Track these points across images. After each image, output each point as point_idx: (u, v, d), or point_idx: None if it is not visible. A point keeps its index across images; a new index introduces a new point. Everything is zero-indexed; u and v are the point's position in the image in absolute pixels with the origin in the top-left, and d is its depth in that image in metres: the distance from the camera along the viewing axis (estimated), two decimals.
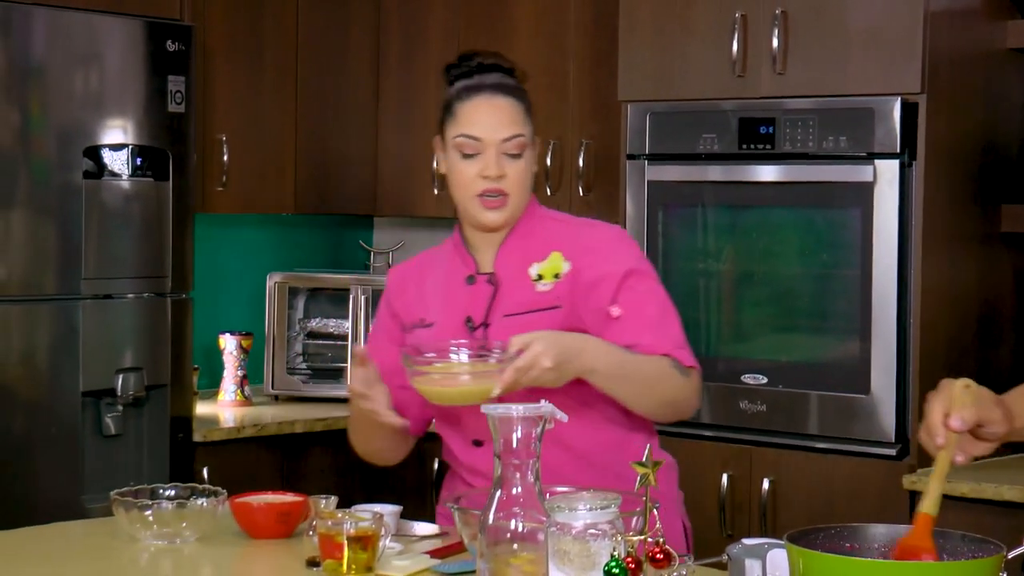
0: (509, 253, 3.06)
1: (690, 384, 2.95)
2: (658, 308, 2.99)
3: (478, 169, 3.00)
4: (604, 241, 3.05)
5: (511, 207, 3.03)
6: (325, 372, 5.55)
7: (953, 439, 2.33)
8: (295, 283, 5.53)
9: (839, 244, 4.37)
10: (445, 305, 3.07)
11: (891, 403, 4.27)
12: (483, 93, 3.03)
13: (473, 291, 3.05)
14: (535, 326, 2.92)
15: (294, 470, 5.03)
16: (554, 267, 3.01)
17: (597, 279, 2.98)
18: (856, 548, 2.38)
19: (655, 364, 2.91)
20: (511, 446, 2.25)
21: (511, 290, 3.02)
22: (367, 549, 2.69)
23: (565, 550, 2.14)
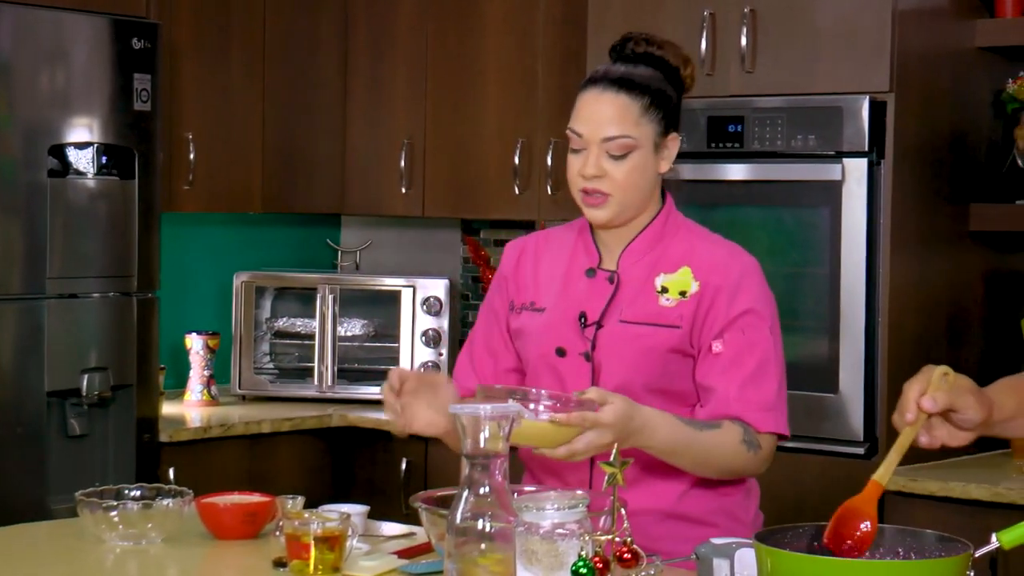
0: (636, 255, 2.97)
1: (757, 458, 2.87)
2: (758, 361, 2.88)
3: (580, 166, 2.93)
4: (735, 271, 2.92)
5: (614, 206, 2.93)
6: (292, 372, 5.54)
7: (922, 419, 2.37)
8: (262, 282, 5.52)
9: (808, 243, 4.38)
10: (560, 293, 3.00)
11: (859, 402, 4.28)
12: (599, 86, 2.92)
13: (591, 285, 2.98)
14: (651, 340, 2.89)
15: (261, 470, 5.02)
16: (682, 284, 2.92)
17: (716, 310, 2.89)
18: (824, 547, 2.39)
19: (718, 441, 2.83)
20: (479, 446, 2.25)
21: (632, 295, 2.94)
22: (334, 549, 2.69)
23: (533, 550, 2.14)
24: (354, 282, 5.54)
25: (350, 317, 5.51)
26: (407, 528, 3.16)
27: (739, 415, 2.85)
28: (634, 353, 2.90)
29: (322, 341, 5.45)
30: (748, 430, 2.85)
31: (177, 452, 4.82)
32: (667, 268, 2.94)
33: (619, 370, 2.91)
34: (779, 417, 2.88)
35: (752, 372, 2.86)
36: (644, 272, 2.95)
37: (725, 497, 2.95)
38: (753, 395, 2.86)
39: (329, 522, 2.70)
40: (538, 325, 3.00)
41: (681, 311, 2.90)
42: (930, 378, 2.39)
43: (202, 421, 5.01)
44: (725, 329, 2.88)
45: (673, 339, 2.90)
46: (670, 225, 3.00)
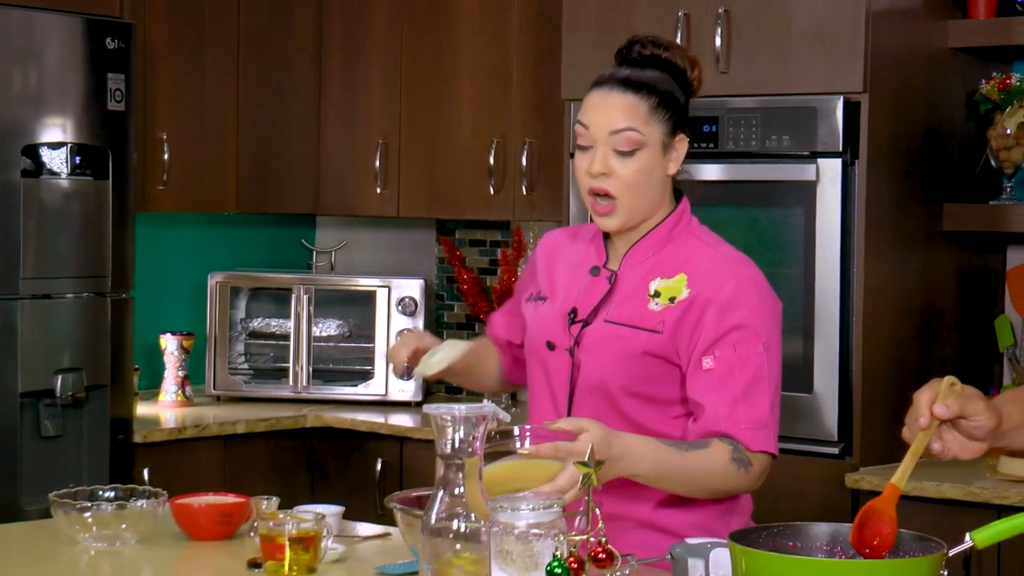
0: (639, 257, 2.95)
1: (748, 476, 2.83)
2: (749, 378, 2.83)
3: (587, 164, 2.90)
4: (730, 285, 2.87)
5: (622, 213, 2.90)
6: (267, 372, 5.54)
7: (934, 425, 2.37)
8: (237, 283, 5.51)
9: (782, 243, 4.39)
10: (565, 289, 3.00)
11: (834, 402, 4.29)
12: (606, 86, 2.90)
13: (592, 283, 2.97)
14: (629, 343, 2.87)
15: (236, 471, 5.01)
16: (674, 289, 2.89)
17: (705, 322, 2.85)
18: (799, 547, 2.39)
19: (709, 463, 2.80)
20: (453, 446, 2.25)
21: (625, 297, 2.93)
22: (309, 550, 2.68)
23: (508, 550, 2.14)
24: (329, 282, 5.53)
25: (325, 317, 5.51)
26: (382, 528, 3.16)
27: (729, 432, 2.81)
28: (612, 353, 2.89)
29: (297, 341, 5.45)
30: (738, 447, 2.81)
31: (151, 453, 4.80)
32: (665, 273, 2.92)
33: (597, 368, 2.90)
34: (770, 436, 2.84)
35: (744, 389, 2.82)
36: (642, 275, 2.93)
37: (701, 511, 2.93)
38: (744, 413, 2.82)
39: (304, 523, 2.70)
40: (536, 317, 3.01)
41: (665, 316, 2.87)
42: (939, 388, 2.39)
43: (176, 422, 5.00)
44: (715, 344, 2.84)
45: (652, 343, 2.87)
46: (679, 229, 2.97)
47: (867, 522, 2.32)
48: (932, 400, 2.37)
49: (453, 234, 5.85)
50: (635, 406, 2.87)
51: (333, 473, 5.26)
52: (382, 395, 5.39)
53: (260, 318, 5.55)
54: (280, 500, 3.03)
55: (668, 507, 2.90)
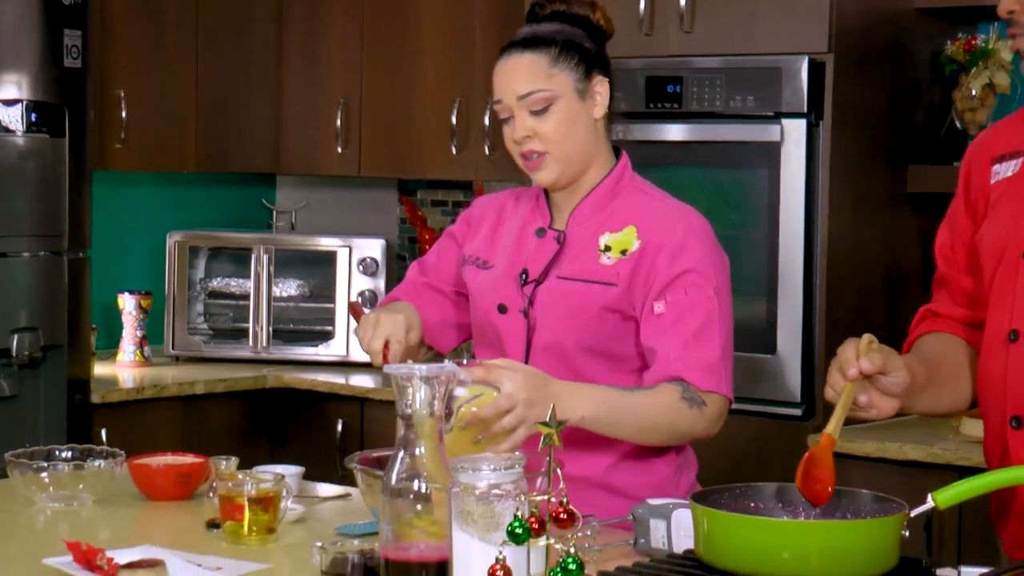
0: (584, 215, 2.96)
1: (703, 416, 2.81)
2: (700, 322, 2.83)
3: (510, 133, 2.92)
4: (680, 229, 2.88)
5: (553, 163, 2.91)
6: (227, 332, 5.52)
7: (860, 378, 2.45)
8: (196, 242, 5.49)
9: (746, 205, 4.39)
10: (510, 253, 3.00)
11: (797, 363, 4.30)
12: (507, 52, 2.93)
13: (540, 245, 2.97)
14: (584, 297, 2.88)
15: (195, 432, 5.00)
16: (624, 242, 2.90)
17: (657, 268, 2.86)
18: (761, 507, 2.41)
19: (658, 401, 2.79)
20: (414, 406, 2.25)
21: (575, 254, 2.93)
22: (268, 511, 2.68)
23: (468, 511, 2.14)
24: (289, 242, 5.52)
25: (285, 278, 5.49)
26: (343, 489, 3.16)
27: (680, 375, 2.82)
28: (567, 309, 2.90)
29: (257, 302, 5.44)
30: (689, 388, 2.81)
31: (109, 413, 4.79)
32: (613, 227, 2.93)
33: (552, 326, 2.91)
34: (721, 379, 2.85)
35: (695, 332, 2.83)
36: (591, 231, 2.94)
37: (656, 472, 2.94)
38: (695, 355, 2.83)
39: (263, 483, 2.70)
40: (483, 282, 3.00)
41: (618, 269, 2.89)
42: (859, 344, 2.48)
43: (135, 382, 4.99)
44: (667, 289, 2.85)
45: (607, 297, 2.88)
46: (623, 185, 2.98)
47: (809, 470, 2.37)
48: (857, 354, 2.43)
49: (415, 194, 5.84)
50: (592, 364, 2.88)
51: (293, 434, 5.26)
52: (342, 356, 5.38)
53: (219, 278, 5.54)
54: (239, 461, 3.03)
55: (622, 468, 2.91)
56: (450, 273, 3.11)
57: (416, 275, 3.17)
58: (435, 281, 3.13)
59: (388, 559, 2.25)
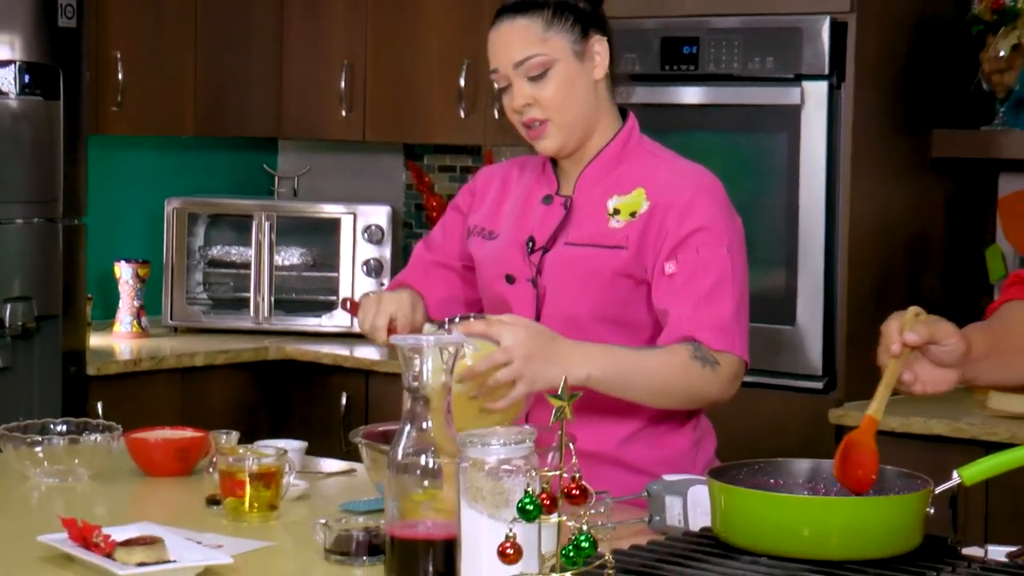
0: (592, 179, 2.94)
1: (717, 376, 2.79)
2: (713, 280, 2.82)
3: (509, 103, 2.92)
4: (690, 188, 2.87)
5: (556, 131, 2.90)
6: (227, 302, 5.52)
7: (906, 352, 2.39)
8: (195, 209, 5.49)
9: (765, 170, 4.38)
10: (516, 221, 2.99)
11: (817, 335, 4.30)
12: (499, 19, 2.94)
13: (546, 212, 2.96)
14: (594, 262, 2.87)
15: (194, 405, 5.00)
16: (633, 204, 2.88)
17: (667, 228, 2.85)
18: (780, 484, 2.40)
19: (668, 361, 2.78)
20: (422, 378, 2.24)
21: (583, 219, 2.92)
22: (270, 487, 2.68)
23: (478, 487, 2.14)
24: (292, 209, 5.51)
25: (287, 246, 5.49)
26: (347, 465, 3.16)
27: (692, 335, 2.80)
28: (578, 276, 2.89)
29: (258, 270, 5.43)
30: (700, 347, 2.79)
31: (105, 386, 4.80)
32: (622, 189, 2.92)
33: (563, 295, 2.90)
34: (734, 338, 2.83)
35: (707, 292, 2.82)
36: (598, 196, 2.93)
37: (672, 447, 2.93)
38: (707, 314, 2.81)
39: (265, 458, 2.70)
40: (488, 252, 3.00)
41: (628, 232, 2.87)
42: (905, 317, 2.41)
43: (132, 353, 4.99)
44: (677, 248, 2.84)
45: (618, 261, 2.87)
46: (630, 148, 2.96)
47: (848, 454, 2.33)
48: (901, 328, 2.39)
49: (422, 159, 5.83)
50: (606, 333, 2.87)
51: (296, 408, 5.26)
52: (347, 327, 5.38)
53: (219, 246, 5.53)
54: (240, 435, 3.03)
55: (636, 443, 2.91)
56: (456, 247, 3.11)
57: (423, 253, 3.16)
58: (442, 257, 3.12)
59: (394, 537, 2.25)
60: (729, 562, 2.23)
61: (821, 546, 2.20)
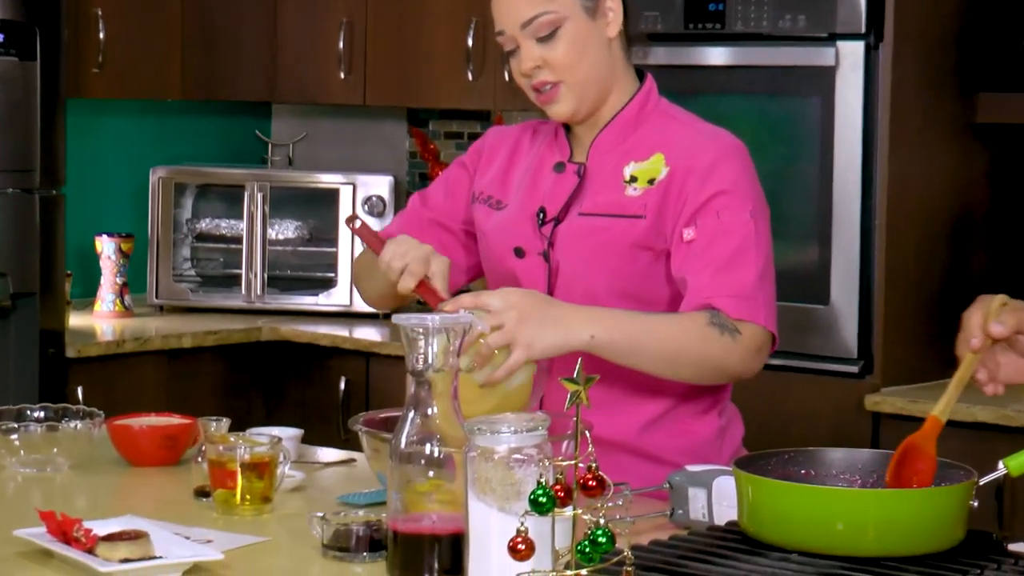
0: (607, 145, 2.94)
1: (737, 345, 2.77)
2: (735, 245, 2.80)
3: (517, 66, 2.91)
4: (712, 151, 2.87)
5: (569, 94, 2.89)
6: (216, 279, 5.53)
7: (987, 345, 2.36)
8: (182, 179, 5.49)
9: (796, 137, 4.38)
10: (526, 191, 2.98)
11: (853, 314, 4.30)
12: None
13: (559, 180, 2.96)
14: (610, 233, 2.87)
15: (181, 390, 5.01)
16: (652, 170, 2.88)
17: (686, 193, 2.85)
18: (812, 475, 2.41)
19: (682, 325, 2.77)
20: (427, 361, 2.25)
21: (598, 187, 2.92)
22: (263, 478, 2.69)
23: (487, 477, 2.14)
24: (286, 179, 5.52)
25: (282, 218, 5.50)
26: (346, 454, 3.16)
27: (709, 302, 2.79)
28: (592, 249, 2.89)
29: (250, 245, 5.44)
30: (718, 314, 2.78)
31: (86, 369, 4.81)
32: (639, 155, 2.92)
33: (578, 269, 2.89)
34: (757, 307, 2.80)
35: (728, 258, 2.81)
36: (614, 162, 2.93)
37: (695, 435, 2.93)
38: (727, 281, 2.80)
39: (258, 447, 2.70)
40: (496, 223, 2.99)
41: (646, 200, 2.87)
42: (990, 307, 2.38)
43: (114, 334, 5.00)
44: (697, 213, 2.84)
45: (636, 231, 2.87)
46: (649, 110, 2.96)
47: (905, 460, 2.33)
48: (984, 320, 2.36)
49: (426, 125, 5.83)
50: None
51: (291, 392, 5.27)
52: (346, 306, 5.39)
53: (208, 219, 5.54)
54: (231, 422, 3.03)
55: (656, 430, 2.90)
56: (459, 209, 3.10)
57: (419, 208, 3.14)
58: (441, 217, 3.10)
59: (397, 531, 2.25)
60: (757, 559, 2.23)
61: (856, 542, 2.20)
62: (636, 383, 2.85)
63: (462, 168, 3.12)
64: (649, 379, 2.83)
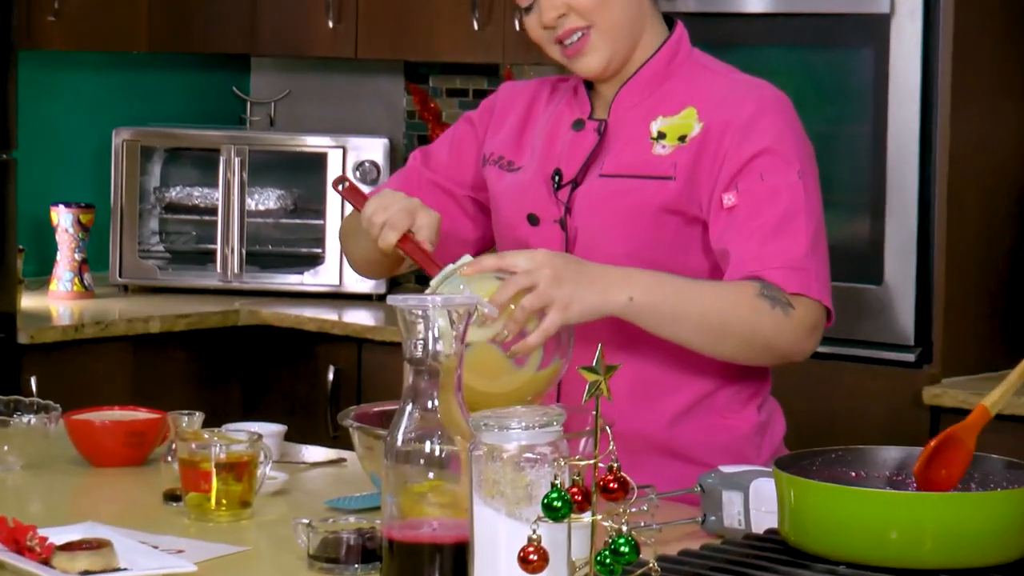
0: (631, 99, 2.95)
1: (791, 321, 2.76)
2: (782, 212, 2.80)
3: (537, 20, 2.91)
4: (751, 104, 2.87)
5: (600, 42, 2.90)
6: (188, 256, 5.54)
7: None
8: (149, 141, 5.50)
9: (846, 93, 4.38)
10: (541, 151, 2.99)
11: (910, 295, 4.30)
12: None
13: (577, 139, 2.96)
14: (635, 197, 2.87)
15: (149, 381, 5.02)
16: (683, 127, 2.89)
17: (724, 152, 2.85)
18: (863, 476, 2.41)
19: (730, 294, 2.77)
20: (427, 347, 2.25)
21: (621, 145, 2.92)
22: (241, 479, 2.70)
23: (495, 479, 2.15)
24: (267, 142, 5.52)
25: (262, 186, 5.50)
26: (335, 453, 3.18)
27: (757, 274, 2.79)
28: (615, 214, 2.88)
29: (226, 217, 5.45)
30: (769, 285, 2.78)
31: (41, 357, 4.82)
32: (668, 110, 2.92)
33: (599, 237, 2.88)
34: (811, 280, 2.80)
35: (775, 225, 2.81)
36: (640, 117, 2.93)
37: (731, 431, 2.93)
38: (775, 250, 2.80)
39: (235, 445, 2.71)
40: (507, 187, 2.99)
41: (676, 159, 2.87)
42: None
43: (73, 318, 5.01)
44: (738, 176, 2.83)
45: (665, 194, 2.86)
46: (679, 62, 2.97)
47: (939, 451, 2.33)
48: None
49: (427, 81, 5.84)
50: None
51: (273, 383, 5.28)
52: (335, 285, 5.40)
53: (179, 187, 5.55)
54: (205, 417, 3.04)
55: (688, 423, 2.90)
56: (466, 172, 3.10)
57: (419, 168, 3.14)
58: (444, 180, 3.11)
59: (392, 540, 2.26)
60: (800, 571, 2.24)
61: (912, 552, 2.21)
62: (664, 367, 2.85)
63: (469, 125, 3.12)
64: (679, 363, 2.84)
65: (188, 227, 5.58)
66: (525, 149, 3.02)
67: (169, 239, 5.58)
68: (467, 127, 3.12)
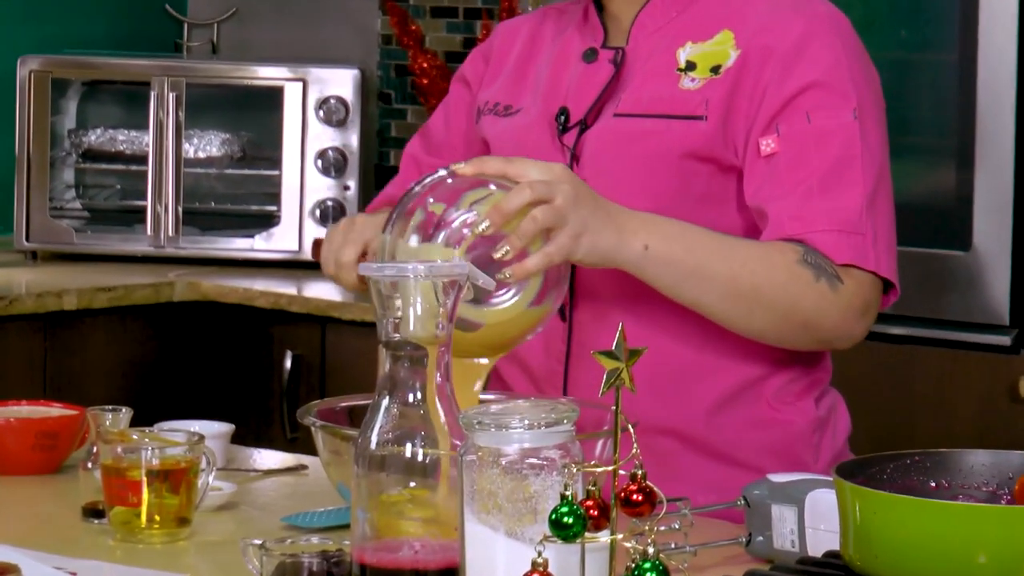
0: (654, 21, 2.96)
1: (837, 297, 2.76)
2: (833, 160, 2.80)
3: None
4: (799, 25, 2.86)
5: None
6: (111, 216, 5.55)
7: None
8: (62, 72, 5.51)
9: (926, 16, 4.39)
10: (545, 89, 3.00)
11: (1004, 265, 4.31)
12: None
13: (587, 72, 2.97)
14: (659, 140, 2.87)
15: (63, 368, 5.04)
16: (717, 55, 2.88)
17: (764, 84, 2.84)
18: (946, 486, 2.42)
19: (766, 257, 2.76)
20: (407, 326, 2.26)
21: (642, 78, 2.93)
22: (178, 491, 2.71)
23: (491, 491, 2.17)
24: (209, 73, 5.53)
25: (203, 129, 5.51)
26: (293, 458, 3.19)
27: (800, 236, 2.78)
28: (633, 161, 2.88)
29: (159, 167, 5.45)
30: (812, 251, 2.77)
31: None
32: (699, 35, 2.92)
33: (611, 189, 2.84)
34: (866, 246, 2.79)
35: (823, 176, 2.79)
36: (665, 45, 2.94)
37: (781, 427, 2.93)
38: (823, 209, 2.78)
39: (171, 448, 2.72)
40: (503, 131, 3.00)
41: (708, 94, 2.87)
42: None
43: None
44: (779, 115, 2.83)
45: (693, 137, 2.86)
46: None
47: None
48: None
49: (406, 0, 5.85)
50: None
51: (217, 373, 5.29)
52: (293, 252, 5.41)
53: (100, 129, 5.56)
54: (134, 413, 3.05)
55: (729, 414, 2.90)
56: (469, 141, 3.12)
57: (419, 154, 3.18)
58: (448, 158, 3.12)
59: (364, 564, 2.27)
60: None
61: None
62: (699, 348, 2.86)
63: (463, 86, 3.15)
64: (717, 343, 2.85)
65: (111, 179, 5.59)
66: (526, 89, 3.03)
67: (88, 194, 5.59)
68: (459, 89, 3.16)
